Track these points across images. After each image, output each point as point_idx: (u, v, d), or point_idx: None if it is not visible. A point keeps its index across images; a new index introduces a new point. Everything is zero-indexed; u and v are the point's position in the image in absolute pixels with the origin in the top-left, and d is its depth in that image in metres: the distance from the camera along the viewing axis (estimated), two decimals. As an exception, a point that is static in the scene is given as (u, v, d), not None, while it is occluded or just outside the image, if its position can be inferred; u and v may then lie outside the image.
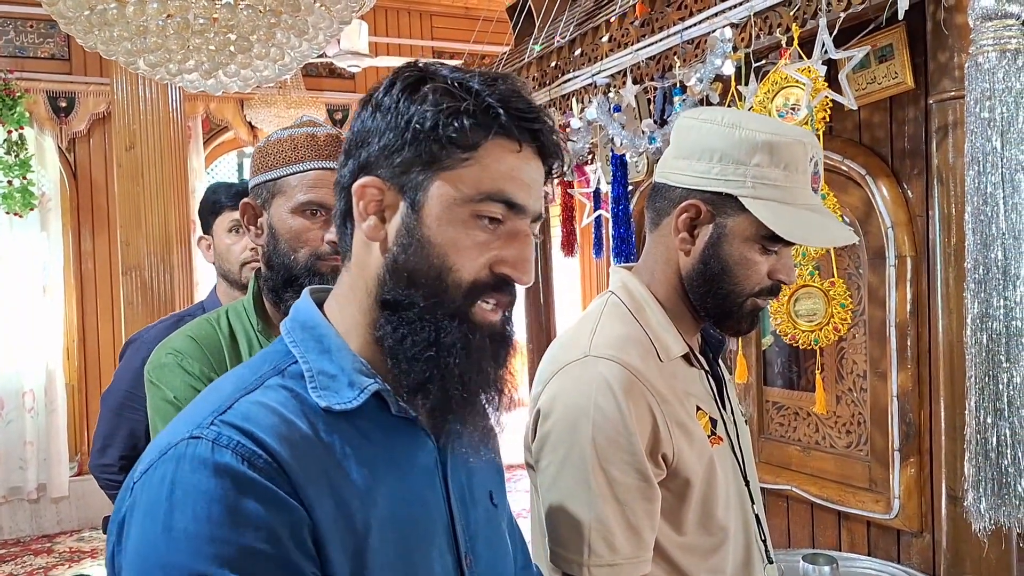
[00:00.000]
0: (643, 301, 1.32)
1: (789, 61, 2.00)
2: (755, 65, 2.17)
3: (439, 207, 0.83)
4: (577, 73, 2.93)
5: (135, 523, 0.73)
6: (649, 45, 2.53)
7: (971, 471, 1.63)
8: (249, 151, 6.50)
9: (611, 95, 2.73)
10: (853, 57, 1.91)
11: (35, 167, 5.41)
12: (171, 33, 2.05)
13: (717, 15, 2.23)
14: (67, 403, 5.80)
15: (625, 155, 2.80)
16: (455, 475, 0.92)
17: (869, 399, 2.30)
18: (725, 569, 1.28)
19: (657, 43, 2.49)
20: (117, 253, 5.22)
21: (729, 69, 2.19)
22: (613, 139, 2.71)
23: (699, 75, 2.24)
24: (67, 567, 5.05)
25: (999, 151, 1.56)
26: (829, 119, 2.01)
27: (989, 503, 1.60)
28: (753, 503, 1.36)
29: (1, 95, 5.08)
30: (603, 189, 3.03)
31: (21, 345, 5.61)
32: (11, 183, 5.20)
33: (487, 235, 0.84)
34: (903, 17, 1.80)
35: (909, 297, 2.16)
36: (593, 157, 3.10)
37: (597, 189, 3.07)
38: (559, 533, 1.19)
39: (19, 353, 5.61)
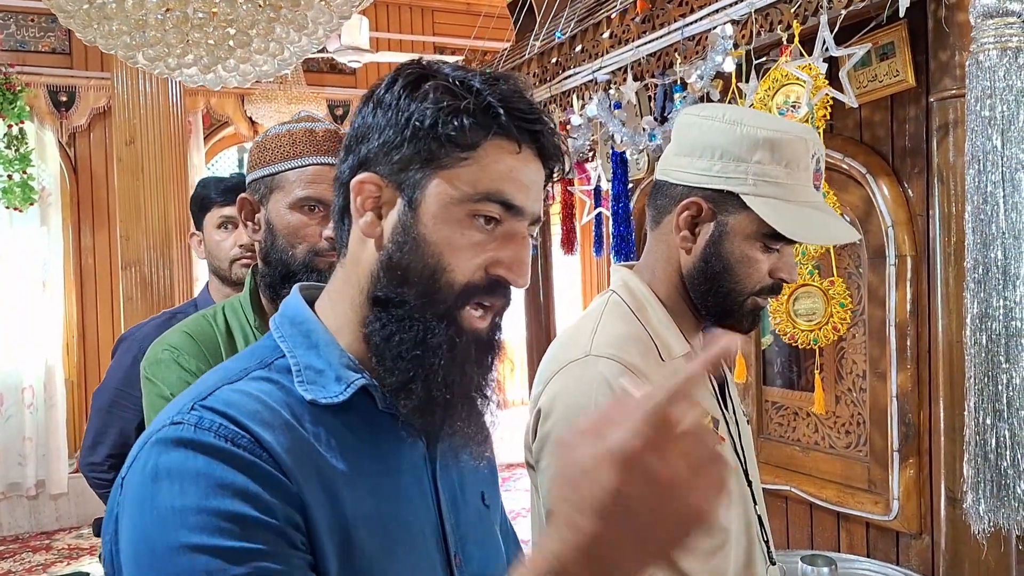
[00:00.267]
0: (644, 300, 1.31)
1: (790, 58, 1.99)
2: (756, 62, 2.16)
3: (436, 205, 0.82)
4: (578, 69, 2.92)
5: (126, 514, 0.73)
6: (650, 42, 2.52)
7: (970, 473, 1.63)
8: (250, 147, 6.49)
9: (612, 92, 2.72)
10: (854, 55, 1.90)
11: (35, 161, 5.41)
12: (170, 27, 2.05)
13: (718, 12, 2.23)
14: (66, 399, 5.80)
15: (625, 152, 2.79)
16: (445, 474, 0.91)
17: (868, 399, 2.29)
18: (726, 570, 1.26)
19: (658, 40, 2.49)
20: (117, 248, 5.22)
21: (730, 66, 2.18)
22: (613, 136, 2.71)
23: (700, 72, 2.23)
24: (66, 564, 5.05)
25: (999, 150, 1.55)
26: (830, 117, 2.00)
27: (988, 505, 1.59)
28: (755, 504, 1.35)
29: (2, 89, 5.08)
30: (603, 186, 3.02)
31: (20, 340, 5.61)
32: (11, 177, 5.20)
33: (483, 236, 0.83)
34: (904, 15, 1.79)
35: (909, 297, 2.15)
36: (593, 154, 3.09)
37: (597, 186, 3.06)
38: None
39: (18, 349, 5.62)
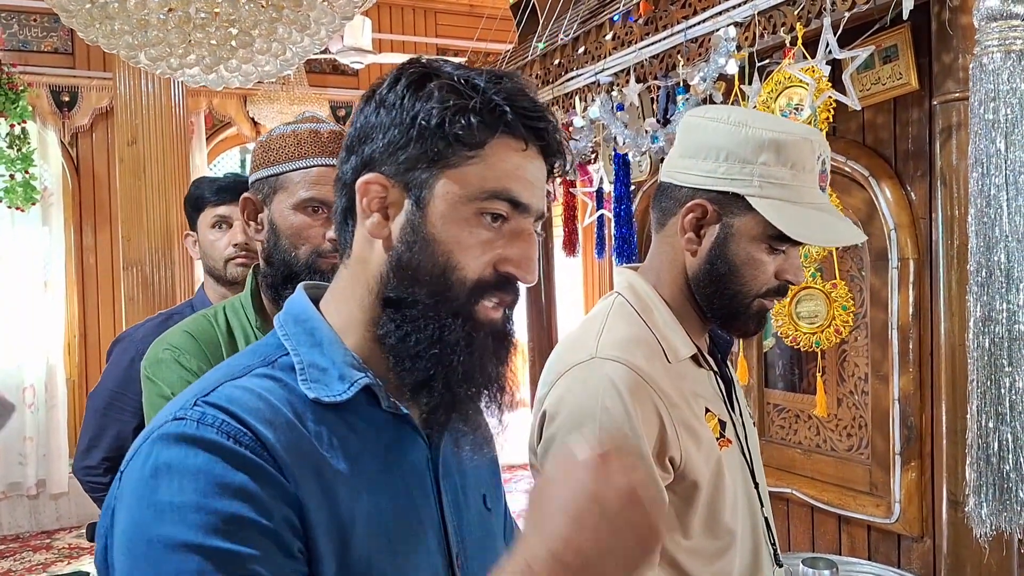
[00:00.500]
0: (650, 302, 1.30)
1: (793, 61, 1.99)
2: (759, 64, 2.16)
3: (444, 205, 0.83)
4: (580, 71, 2.92)
5: (123, 507, 0.73)
6: (653, 44, 2.52)
7: (972, 476, 1.62)
8: (252, 147, 6.49)
9: (614, 94, 2.72)
10: (857, 57, 1.89)
11: (37, 161, 5.40)
12: (172, 27, 2.05)
13: (721, 14, 2.22)
14: (67, 399, 5.79)
15: (628, 154, 2.79)
16: (447, 475, 0.91)
17: (870, 402, 2.29)
18: (731, 573, 1.26)
19: (661, 42, 2.48)
20: (118, 248, 5.22)
21: (733, 68, 2.18)
22: (616, 138, 2.70)
23: (702, 74, 2.23)
24: (66, 563, 5.04)
25: (1003, 153, 1.54)
26: (832, 119, 2.00)
27: (990, 508, 1.59)
28: (762, 506, 1.34)
29: (4, 89, 5.07)
30: (606, 188, 3.02)
31: (22, 340, 5.61)
32: (13, 177, 5.19)
33: (491, 233, 0.84)
34: (908, 17, 1.78)
35: (911, 300, 2.15)
36: (596, 156, 3.09)
37: (600, 188, 3.06)
38: None
39: (20, 348, 5.61)
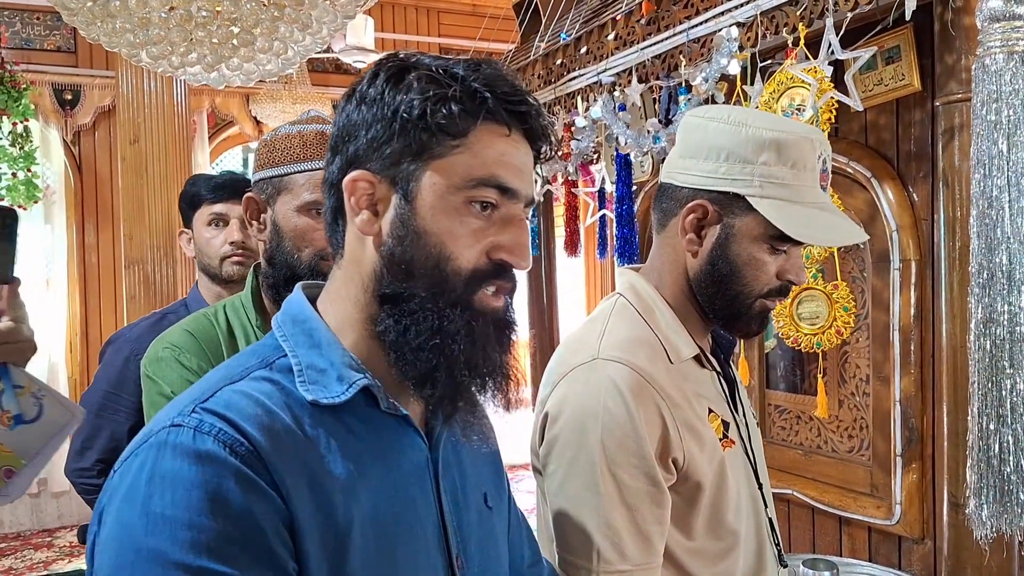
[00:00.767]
0: (652, 303, 1.29)
1: (795, 61, 1.99)
2: (761, 65, 2.15)
3: (432, 196, 0.82)
4: (582, 71, 2.92)
5: (113, 508, 0.73)
6: (655, 44, 2.52)
7: (973, 478, 1.62)
8: (255, 146, 6.51)
9: (616, 94, 2.71)
10: (859, 58, 1.89)
11: (40, 160, 5.41)
12: (174, 25, 2.05)
13: (723, 14, 2.22)
14: (69, 397, 5.78)
15: (629, 154, 2.79)
16: (447, 475, 0.91)
17: (871, 404, 2.29)
18: (735, 574, 1.25)
19: (663, 42, 2.48)
20: (120, 247, 5.22)
21: (735, 69, 2.18)
22: (618, 138, 2.70)
23: (705, 74, 2.23)
24: (67, 562, 5.04)
25: (1005, 154, 1.54)
26: (835, 120, 1.99)
27: (991, 510, 1.58)
28: (766, 507, 1.34)
29: (7, 87, 5.07)
30: (607, 189, 3.01)
31: (23, 338, 5.60)
32: (15, 175, 5.20)
33: (482, 222, 0.83)
34: (910, 18, 1.78)
35: (913, 301, 2.14)
36: (598, 156, 3.09)
37: (601, 189, 3.05)
38: (567, 539, 1.17)
39: (21, 346, 5.61)
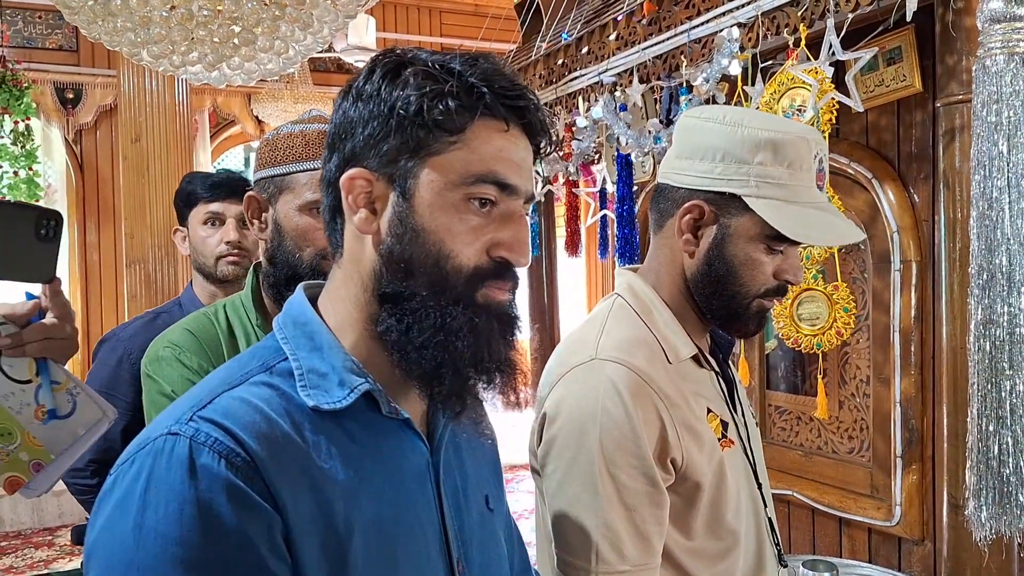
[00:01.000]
0: (650, 303, 1.29)
1: (796, 62, 1.99)
2: (762, 65, 2.15)
3: (430, 193, 0.81)
4: (584, 71, 2.92)
5: (105, 511, 0.72)
6: (656, 44, 2.52)
7: (973, 479, 1.62)
8: (256, 146, 6.51)
9: (617, 94, 2.71)
10: (860, 59, 1.89)
11: (41, 158, 5.41)
12: (175, 24, 2.05)
13: (724, 15, 2.22)
14: (69, 395, 5.80)
15: (630, 155, 2.79)
16: (448, 478, 0.90)
17: (872, 405, 2.29)
18: (735, 574, 1.25)
19: (664, 42, 2.48)
20: (121, 245, 5.23)
21: (736, 69, 2.17)
22: (619, 138, 2.70)
23: (706, 75, 2.23)
24: (67, 560, 5.04)
25: (1005, 155, 1.54)
26: (836, 121, 1.99)
27: (990, 512, 1.58)
28: (765, 507, 1.34)
29: (8, 85, 5.08)
30: (608, 189, 3.01)
31: (25, 336, 5.60)
32: (17, 174, 5.20)
33: (481, 219, 0.82)
34: (911, 19, 1.78)
35: (913, 302, 2.14)
36: (599, 156, 3.09)
37: (602, 189, 3.05)
38: (566, 540, 1.17)
39: (22, 344, 5.61)
